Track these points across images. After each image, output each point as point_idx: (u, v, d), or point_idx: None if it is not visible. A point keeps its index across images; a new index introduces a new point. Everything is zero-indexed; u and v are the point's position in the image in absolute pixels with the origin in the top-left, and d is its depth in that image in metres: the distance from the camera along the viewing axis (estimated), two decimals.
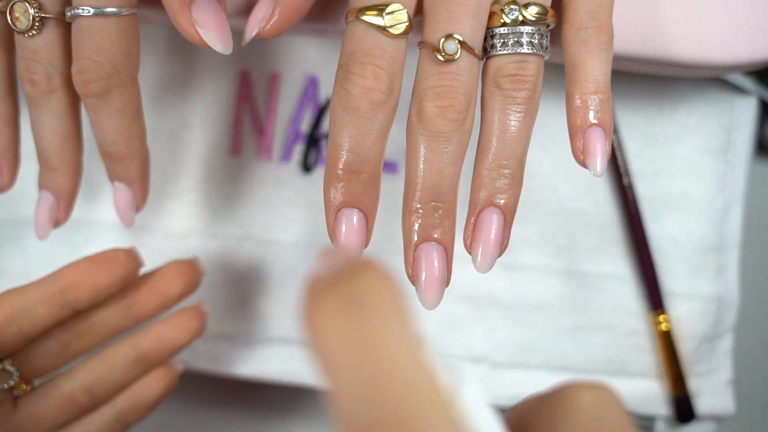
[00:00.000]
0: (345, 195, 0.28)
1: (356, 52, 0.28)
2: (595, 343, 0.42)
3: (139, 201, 0.36)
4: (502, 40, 0.29)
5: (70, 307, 0.33)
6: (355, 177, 0.28)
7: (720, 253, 0.42)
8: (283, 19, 0.30)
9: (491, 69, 0.29)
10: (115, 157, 0.34)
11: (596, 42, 0.29)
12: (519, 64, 0.29)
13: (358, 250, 0.28)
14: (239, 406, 0.47)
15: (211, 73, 0.43)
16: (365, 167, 0.28)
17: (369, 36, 0.28)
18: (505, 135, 0.29)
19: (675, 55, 0.35)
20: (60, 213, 0.36)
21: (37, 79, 0.32)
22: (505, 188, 0.29)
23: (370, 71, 0.27)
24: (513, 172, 0.29)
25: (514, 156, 0.29)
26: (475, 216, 0.30)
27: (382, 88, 0.27)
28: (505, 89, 0.29)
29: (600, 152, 0.29)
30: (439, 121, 0.28)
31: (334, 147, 0.28)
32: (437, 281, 0.29)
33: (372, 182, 0.28)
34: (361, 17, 0.28)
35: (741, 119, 0.42)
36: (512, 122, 0.29)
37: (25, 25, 0.31)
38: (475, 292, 0.42)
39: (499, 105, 0.29)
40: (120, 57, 0.31)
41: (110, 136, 0.33)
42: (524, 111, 0.29)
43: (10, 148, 0.36)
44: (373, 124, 0.28)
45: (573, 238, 0.42)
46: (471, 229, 0.30)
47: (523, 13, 0.29)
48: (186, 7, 0.30)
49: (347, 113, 0.28)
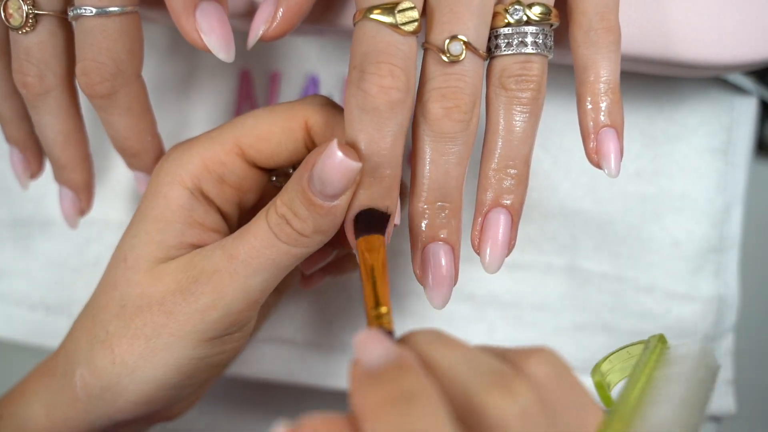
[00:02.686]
0: (368, 198, 0.28)
1: (370, 52, 0.27)
2: (595, 342, 0.42)
3: None
4: (506, 40, 0.29)
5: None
6: (379, 182, 0.28)
7: (720, 253, 0.42)
8: (285, 21, 0.30)
9: (496, 69, 0.29)
10: (128, 153, 0.35)
11: (605, 43, 0.30)
12: (524, 64, 0.29)
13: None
14: (239, 406, 0.47)
15: (211, 73, 0.43)
16: (387, 170, 0.28)
17: (381, 34, 0.28)
18: (510, 135, 0.29)
19: (675, 54, 0.35)
20: (82, 204, 0.37)
21: (30, 81, 0.32)
22: (511, 188, 0.30)
23: (386, 70, 0.27)
24: (519, 172, 0.29)
25: (520, 156, 0.29)
26: (483, 217, 0.30)
27: (400, 86, 0.27)
28: (510, 90, 0.29)
29: (614, 152, 0.30)
30: (444, 122, 0.28)
31: (355, 150, 0.28)
32: (445, 281, 0.30)
33: (395, 183, 0.28)
34: (371, 16, 0.27)
35: (741, 119, 0.42)
36: (518, 122, 0.29)
37: (19, 22, 0.31)
38: (476, 291, 0.42)
39: (504, 105, 0.29)
40: (123, 56, 0.31)
41: (121, 133, 0.34)
42: (529, 111, 0.29)
43: (30, 139, 0.36)
44: (392, 123, 0.28)
45: (573, 238, 0.42)
46: (479, 229, 0.30)
47: (527, 13, 0.29)
48: (190, 12, 0.30)
49: (365, 114, 0.27)
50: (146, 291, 0.30)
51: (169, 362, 0.30)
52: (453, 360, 0.23)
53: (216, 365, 0.31)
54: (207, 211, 0.31)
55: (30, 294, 0.43)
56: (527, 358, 0.23)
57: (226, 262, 0.29)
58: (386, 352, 0.22)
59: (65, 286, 0.43)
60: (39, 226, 0.43)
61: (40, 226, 0.43)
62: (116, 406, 0.31)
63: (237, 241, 0.30)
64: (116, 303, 0.31)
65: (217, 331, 0.30)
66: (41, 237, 0.43)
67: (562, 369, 0.23)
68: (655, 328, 0.42)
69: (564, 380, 0.23)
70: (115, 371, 0.30)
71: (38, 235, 0.43)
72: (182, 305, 0.30)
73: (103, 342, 0.30)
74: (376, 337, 0.23)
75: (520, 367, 0.23)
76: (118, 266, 0.31)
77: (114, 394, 0.30)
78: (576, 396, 0.23)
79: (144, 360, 0.30)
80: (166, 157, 0.32)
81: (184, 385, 0.31)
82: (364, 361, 0.22)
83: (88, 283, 0.43)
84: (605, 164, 0.30)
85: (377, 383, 0.21)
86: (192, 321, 0.29)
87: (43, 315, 0.43)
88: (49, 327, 0.43)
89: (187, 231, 0.31)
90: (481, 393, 0.22)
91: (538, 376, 0.23)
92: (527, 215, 0.42)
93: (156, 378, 0.30)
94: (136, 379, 0.30)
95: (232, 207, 0.33)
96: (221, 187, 0.31)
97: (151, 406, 0.31)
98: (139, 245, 0.31)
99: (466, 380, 0.22)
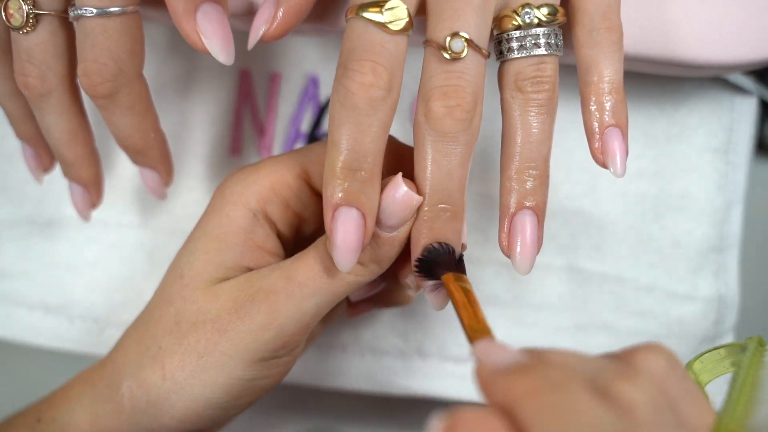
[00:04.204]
0: (343, 193, 0.28)
1: (355, 49, 0.27)
2: (595, 342, 0.42)
3: (165, 179, 0.38)
4: (519, 42, 0.29)
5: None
6: (352, 175, 0.28)
7: (720, 253, 0.42)
8: (286, 21, 0.30)
9: (510, 73, 0.29)
10: (132, 150, 0.35)
11: (608, 42, 0.30)
12: (538, 66, 0.29)
13: (354, 251, 0.28)
14: None
15: (211, 73, 0.43)
16: (363, 165, 0.28)
17: (368, 32, 0.27)
18: (529, 138, 0.29)
19: (676, 54, 0.35)
20: (93, 198, 0.38)
21: (31, 82, 0.32)
22: (534, 189, 0.30)
23: (368, 67, 0.27)
24: (540, 172, 0.30)
25: (540, 157, 0.29)
26: (509, 219, 0.30)
27: (380, 85, 0.27)
28: (527, 92, 0.29)
29: (619, 152, 0.30)
30: (446, 121, 0.28)
31: (333, 144, 0.28)
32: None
33: (371, 181, 0.28)
34: (361, 14, 0.27)
35: (741, 119, 0.42)
36: (535, 124, 0.29)
37: (20, 22, 0.31)
38: (475, 291, 0.42)
39: (520, 108, 0.29)
40: (124, 56, 0.31)
41: (124, 131, 0.34)
42: (546, 112, 0.29)
43: (40, 135, 0.37)
44: (371, 120, 0.27)
45: (573, 238, 0.42)
46: (506, 233, 0.30)
47: (536, 14, 0.29)
48: (191, 14, 0.30)
49: (345, 110, 0.27)
50: (202, 308, 0.30)
51: (219, 381, 0.30)
52: (574, 360, 0.24)
53: (262, 388, 0.31)
54: (268, 235, 0.32)
55: (29, 294, 0.43)
56: (640, 354, 0.24)
57: (284, 283, 0.30)
58: (513, 353, 0.23)
59: (64, 287, 0.43)
60: (39, 226, 0.43)
61: (39, 227, 0.43)
62: (161, 422, 0.30)
63: (296, 263, 0.30)
64: (171, 319, 0.31)
65: (268, 353, 0.30)
66: (41, 237, 0.43)
67: (675, 362, 0.24)
68: (655, 328, 0.42)
69: (678, 373, 0.24)
70: (165, 387, 0.30)
71: (38, 235, 0.43)
72: (236, 323, 0.30)
73: (155, 357, 0.30)
74: (497, 344, 0.24)
75: (634, 362, 0.23)
76: (174, 282, 0.31)
77: (160, 410, 0.30)
78: (690, 389, 0.24)
79: (194, 377, 0.30)
80: (231, 175, 0.32)
81: (230, 407, 0.31)
82: (494, 361, 0.23)
83: (88, 283, 0.43)
84: (611, 164, 0.30)
85: (522, 376, 0.22)
86: (245, 340, 0.30)
87: (42, 315, 0.43)
88: (48, 327, 0.43)
89: (247, 253, 0.31)
90: (612, 382, 0.22)
91: (653, 370, 0.23)
92: None
93: (204, 396, 0.30)
94: (184, 396, 0.30)
95: (292, 232, 0.33)
96: (285, 212, 0.32)
97: (195, 424, 0.31)
98: (197, 263, 0.31)
99: (593, 375, 0.23)
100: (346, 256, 0.28)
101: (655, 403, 0.22)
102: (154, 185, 0.38)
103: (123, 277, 0.43)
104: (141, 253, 0.43)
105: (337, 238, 0.28)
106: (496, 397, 0.22)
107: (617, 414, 0.21)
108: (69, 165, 0.36)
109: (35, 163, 0.38)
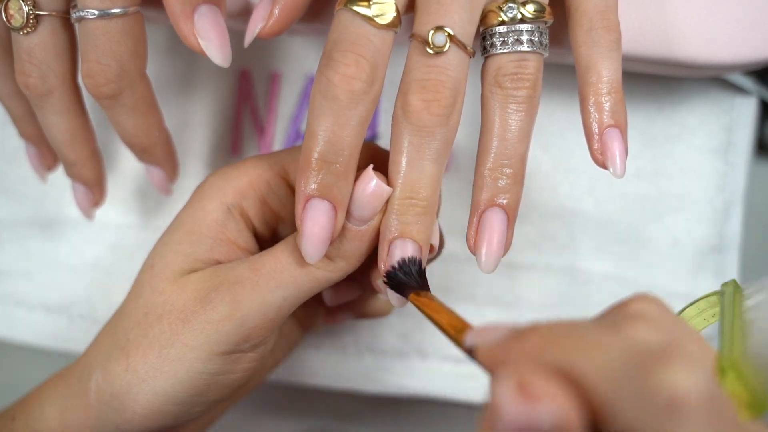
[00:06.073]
0: (316, 185, 0.28)
1: (340, 40, 0.27)
2: None
3: (171, 176, 0.38)
4: (501, 38, 0.29)
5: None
6: (327, 167, 0.28)
7: (720, 253, 0.42)
8: (282, 18, 0.30)
9: (491, 68, 0.29)
10: (138, 148, 0.35)
11: (607, 42, 0.30)
12: (519, 62, 0.29)
13: (323, 242, 0.28)
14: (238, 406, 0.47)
15: (211, 73, 0.43)
16: (339, 158, 0.28)
17: (355, 25, 0.27)
18: (506, 134, 0.29)
19: (675, 54, 0.35)
20: (95, 197, 0.38)
21: (32, 82, 0.32)
22: (507, 187, 0.29)
23: (352, 59, 0.27)
24: (514, 171, 0.29)
25: (515, 155, 0.29)
26: (478, 216, 0.30)
27: (362, 77, 0.27)
28: (506, 88, 0.29)
29: (619, 153, 0.30)
30: (423, 115, 0.28)
31: (310, 135, 0.28)
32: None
33: (345, 174, 0.28)
34: (350, 6, 0.27)
35: (741, 119, 0.42)
36: (513, 121, 0.29)
37: (20, 23, 0.31)
38: (476, 291, 0.42)
39: (499, 104, 0.29)
40: (127, 57, 0.31)
41: (129, 131, 0.34)
42: (525, 110, 0.29)
43: (43, 134, 0.37)
44: (351, 113, 0.27)
45: (573, 238, 0.42)
46: (474, 229, 0.30)
47: (521, 10, 0.29)
48: (188, 16, 0.30)
49: (326, 101, 0.27)
50: (169, 299, 0.30)
51: (179, 374, 0.30)
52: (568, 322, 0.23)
53: (227, 385, 0.31)
54: (241, 230, 0.32)
55: (29, 294, 0.43)
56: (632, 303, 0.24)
57: (249, 274, 0.29)
58: (506, 326, 0.23)
59: (65, 287, 0.43)
60: (39, 226, 0.43)
61: (40, 227, 0.43)
62: (124, 416, 0.30)
63: (264, 256, 0.30)
64: (140, 310, 0.31)
65: (230, 345, 0.30)
66: (41, 238, 0.43)
67: (666, 307, 0.24)
68: None
69: (672, 316, 0.24)
70: (127, 378, 0.30)
71: (38, 235, 0.43)
72: (199, 313, 0.30)
73: (122, 348, 0.30)
74: (487, 326, 0.24)
75: (629, 310, 0.23)
76: (145, 273, 0.31)
77: (123, 402, 0.30)
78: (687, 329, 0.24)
79: (155, 370, 0.30)
80: (214, 172, 0.32)
81: (194, 402, 0.31)
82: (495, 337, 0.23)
83: (87, 284, 0.43)
84: (611, 164, 0.30)
85: (529, 336, 0.22)
86: (206, 331, 0.29)
87: (42, 315, 0.43)
88: (48, 327, 0.43)
89: (217, 247, 0.31)
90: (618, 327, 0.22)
91: (650, 313, 0.23)
92: (527, 216, 0.42)
93: (165, 390, 0.30)
94: (145, 389, 0.30)
95: (269, 232, 0.33)
96: (262, 208, 0.32)
97: (159, 420, 0.31)
98: (168, 254, 0.31)
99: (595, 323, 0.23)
100: (314, 246, 0.28)
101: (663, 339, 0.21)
102: (159, 182, 0.38)
103: (123, 277, 0.43)
104: (141, 254, 0.42)
105: (307, 229, 0.28)
106: (516, 363, 0.21)
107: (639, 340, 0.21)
108: (71, 164, 0.36)
109: (39, 162, 0.38)
